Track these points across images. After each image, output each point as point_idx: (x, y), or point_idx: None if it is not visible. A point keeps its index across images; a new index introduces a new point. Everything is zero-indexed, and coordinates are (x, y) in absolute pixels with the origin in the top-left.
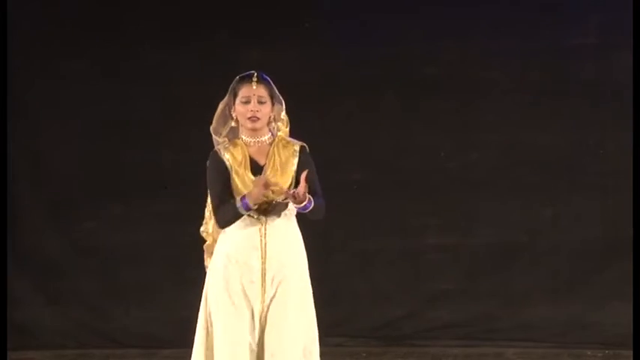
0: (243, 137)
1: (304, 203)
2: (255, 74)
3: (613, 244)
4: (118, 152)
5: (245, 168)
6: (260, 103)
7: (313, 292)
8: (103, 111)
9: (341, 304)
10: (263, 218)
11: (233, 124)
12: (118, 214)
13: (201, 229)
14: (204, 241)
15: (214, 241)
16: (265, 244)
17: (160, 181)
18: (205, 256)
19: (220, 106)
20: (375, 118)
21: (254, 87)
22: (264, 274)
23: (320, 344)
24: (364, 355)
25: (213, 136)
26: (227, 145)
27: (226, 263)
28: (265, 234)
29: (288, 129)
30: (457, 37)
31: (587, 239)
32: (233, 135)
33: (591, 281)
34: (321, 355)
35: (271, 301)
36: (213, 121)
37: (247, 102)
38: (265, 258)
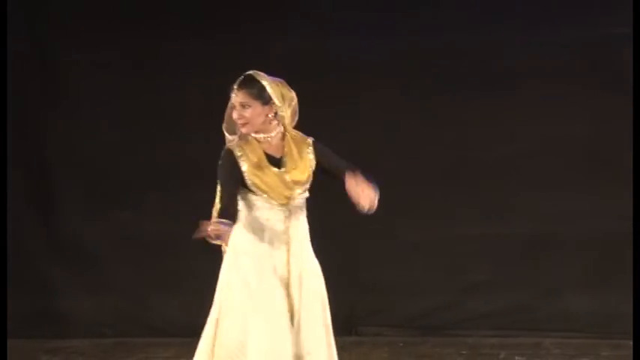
0: (253, 135)
1: (374, 196)
2: (238, 81)
3: None
4: (155, 142)
5: (264, 165)
6: (243, 107)
7: (350, 281)
8: (141, 102)
9: (378, 294)
10: (288, 212)
11: None
12: (155, 204)
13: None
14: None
15: None
16: (290, 237)
17: (197, 171)
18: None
19: (228, 108)
20: (415, 108)
21: (234, 95)
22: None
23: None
24: (401, 344)
25: (225, 134)
26: (240, 143)
27: (253, 260)
28: (289, 228)
29: (294, 121)
30: (494, 29)
31: (623, 229)
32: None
33: (629, 271)
34: (360, 344)
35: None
36: (225, 121)
37: (235, 108)
38: (290, 252)
